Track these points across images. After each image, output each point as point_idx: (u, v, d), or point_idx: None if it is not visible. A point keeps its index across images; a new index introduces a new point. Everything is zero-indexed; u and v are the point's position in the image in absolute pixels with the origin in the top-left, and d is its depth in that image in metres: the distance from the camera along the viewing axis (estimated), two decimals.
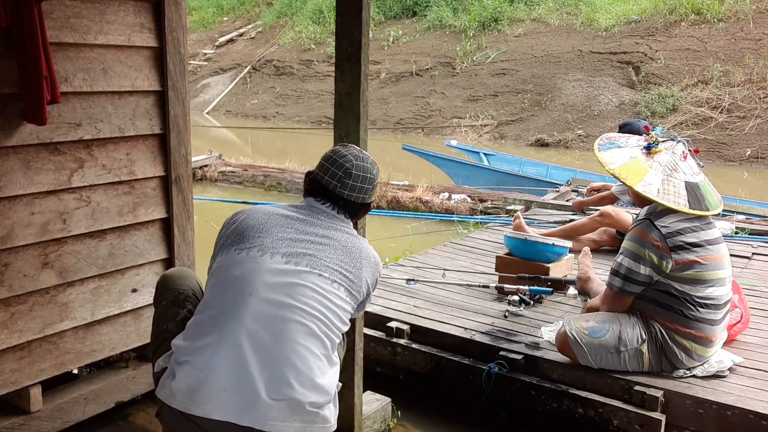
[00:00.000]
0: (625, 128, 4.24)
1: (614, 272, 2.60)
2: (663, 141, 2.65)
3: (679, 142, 2.66)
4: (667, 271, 2.50)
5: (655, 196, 2.51)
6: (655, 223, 2.50)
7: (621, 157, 2.64)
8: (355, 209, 2.02)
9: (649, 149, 2.64)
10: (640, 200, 2.66)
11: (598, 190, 5.41)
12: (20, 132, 2.47)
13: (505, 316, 3.15)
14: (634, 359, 2.57)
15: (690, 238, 2.49)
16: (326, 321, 1.79)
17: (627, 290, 2.58)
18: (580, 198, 5.56)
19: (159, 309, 2.14)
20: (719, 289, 2.52)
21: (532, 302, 3.24)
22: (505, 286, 3.35)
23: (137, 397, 3.08)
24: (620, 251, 2.61)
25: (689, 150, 2.68)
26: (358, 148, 2.07)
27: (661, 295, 2.54)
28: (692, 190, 2.56)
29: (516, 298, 3.23)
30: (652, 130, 2.70)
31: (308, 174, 2.07)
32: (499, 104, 14.19)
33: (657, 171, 2.57)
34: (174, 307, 2.08)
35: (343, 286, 1.86)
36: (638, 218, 2.61)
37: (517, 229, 4.07)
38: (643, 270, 2.51)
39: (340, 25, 2.50)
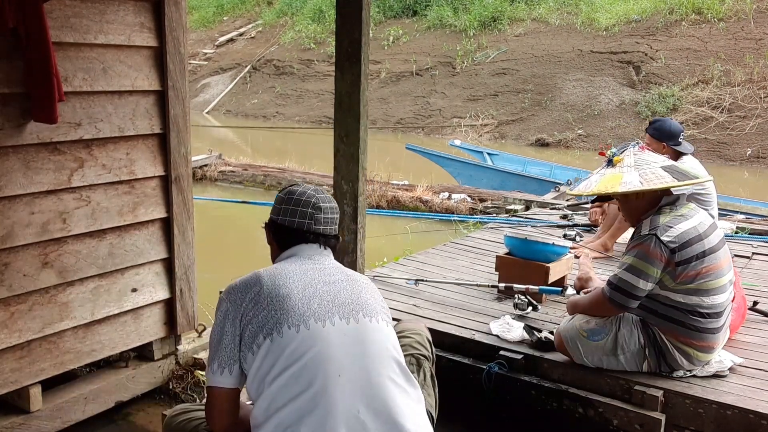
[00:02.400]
0: (656, 124, 4.16)
1: (616, 287, 2.53)
2: (620, 152, 2.72)
3: (633, 146, 2.73)
4: (670, 286, 2.48)
5: (640, 187, 2.52)
6: (662, 238, 2.46)
7: (593, 180, 2.70)
8: (333, 244, 1.92)
9: (611, 162, 2.69)
10: (634, 213, 2.65)
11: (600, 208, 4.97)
12: (20, 132, 2.48)
13: (513, 318, 3.15)
14: (632, 361, 2.57)
15: (697, 248, 2.46)
16: (399, 361, 1.76)
17: (627, 306, 2.55)
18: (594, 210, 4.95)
19: None
20: (721, 296, 2.51)
21: (539, 306, 3.21)
22: (515, 285, 3.32)
23: (137, 396, 3.08)
24: (622, 266, 2.55)
25: (644, 146, 2.75)
26: (305, 184, 1.97)
27: (662, 306, 2.52)
28: (671, 169, 2.59)
29: (524, 300, 3.19)
30: (607, 152, 2.78)
31: (269, 226, 1.93)
32: (500, 104, 14.19)
33: (629, 171, 2.60)
34: None
35: (386, 318, 1.82)
36: (642, 234, 2.53)
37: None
38: (647, 286, 2.49)
39: (340, 25, 2.50)
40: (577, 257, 3.84)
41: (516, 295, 3.25)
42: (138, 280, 2.99)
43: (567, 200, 6.40)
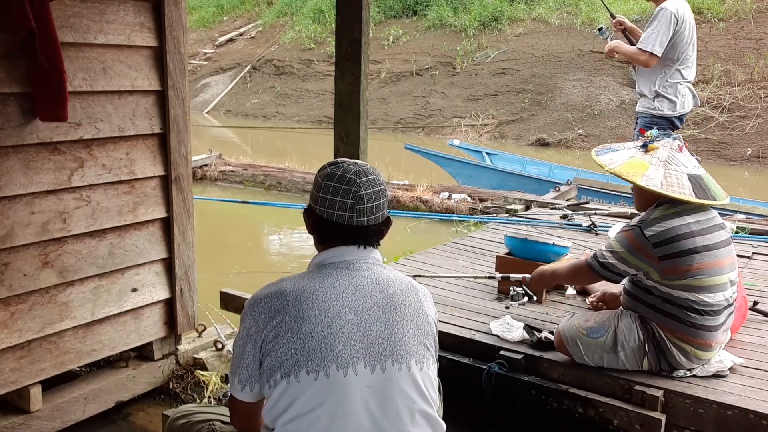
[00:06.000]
0: None
1: (600, 263, 2.60)
2: (659, 139, 2.67)
3: (675, 139, 2.67)
4: (656, 279, 2.50)
5: (659, 188, 2.49)
6: (645, 231, 2.48)
7: (619, 158, 2.66)
8: (380, 233, 1.71)
9: (645, 147, 2.64)
10: (643, 201, 2.64)
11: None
12: (20, 131, 2.48)
13: (507, 308, 3.15)
14: (632, 359, 2.57)
15: (685, 245, 2.45)
16: (425, 411, 1.65)
17: (607, 278, 2.62)
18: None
19: None
20: (718, 295, 2.50)
21: (535, 298, 3.20)
22: (512, 276, 3.26)
23: (137, 396, 3.09)
24: (608, 247, 2.60)
25: (684, 144, 2.70)
26: (351, 160, 1.74)
27: (659, 301, 2.53)
28: (696, 181, 2.55)
29: (520, 291, 3.18)
30: (647, 132, 2.72)
31: (308, 213, 1.73)
32: (500, 104, 14.19)
33: (657, 166, 2.56)
34: None
35: (429, 353, 1.68)
36: (631, 223, 2.58)
37: None
38: (629, 271, 2.55)
39: (340, 25, 2.50)
40: None
41: (512, 287, 3.24)
42: (138, 280, 2.99)
43: (567, 200, 6.41)
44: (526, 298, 3.17)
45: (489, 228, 5.20)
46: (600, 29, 4.79)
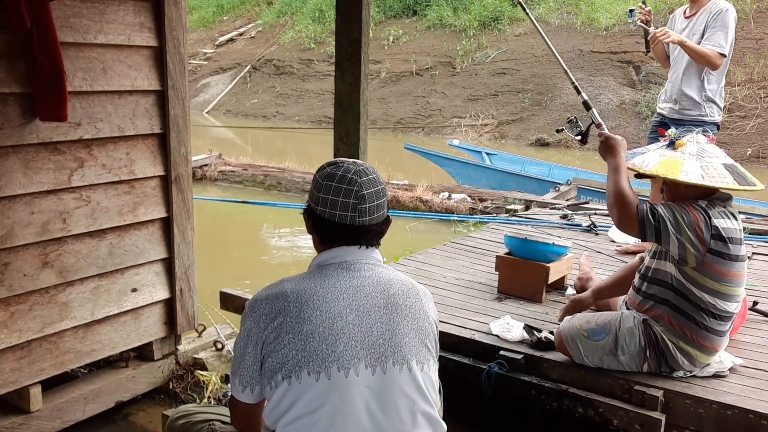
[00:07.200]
0: None
1: (652, 209, 2.40)
2: (683, 136, 2.60)
3: (698, 133, 2.61)
4: (691, 266, 2.43)
5: (702, 181, 2.40)
6: (712, 216, 2.39)
7: (651, 158, 2.56)
8: (381, 232, 1.71)
9: (672, 144, 2.56)
10: (675, 199, 2.53)
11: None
12: (20, 131, 2.48)
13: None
14: (632, 362, 2.57)
15: (735, 250, 2.41)
16: (426, 411, 1.65)
17: (644, 227, 2.39)
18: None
19: None
20: (734, 305, 2.50)
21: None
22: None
23: (137, 396, 3.09)
24: (662, 205, 2.43)
25: (709, 137, 2.63)
26: (351, 160, 1.73)
27: (677, 298, 2.50)
28: (732, 169, 2.49)
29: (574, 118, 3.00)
30: (667, 131, 2.66)
31: (308, 214, 1.73)
32: (500, 104, 14.19)
33: (691, 160, 2.48)
34: None
35: (430, 354, 1.68)
36: (687, 201, 2.44)
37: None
38: (671, 236, 2.38)
39: (340, 25, 2.50)
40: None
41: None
42: (138, 280, 2.99)
43: (567, 200, 6.41)
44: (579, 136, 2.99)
45: (489, 228, 5.20)
46: (631, 10, 4.49)
